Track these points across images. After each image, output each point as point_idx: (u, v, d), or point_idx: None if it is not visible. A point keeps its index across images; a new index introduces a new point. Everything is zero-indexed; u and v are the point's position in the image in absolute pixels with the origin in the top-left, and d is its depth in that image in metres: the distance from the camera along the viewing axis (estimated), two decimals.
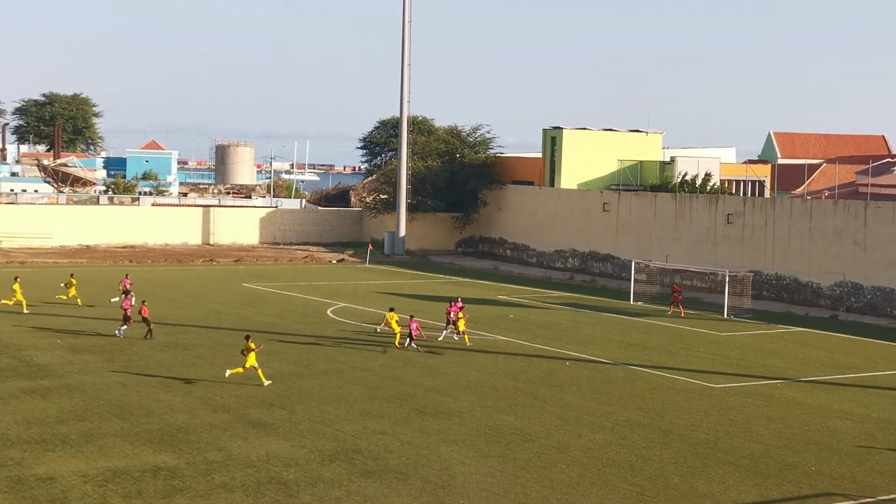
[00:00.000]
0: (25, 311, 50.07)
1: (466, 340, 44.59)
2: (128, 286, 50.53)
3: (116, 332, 44.18)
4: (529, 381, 38.00)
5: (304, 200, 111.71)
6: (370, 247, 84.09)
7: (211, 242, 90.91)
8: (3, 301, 50.76)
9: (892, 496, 25.90)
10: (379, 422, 31.36)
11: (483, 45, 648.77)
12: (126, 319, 44.07)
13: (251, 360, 35.53)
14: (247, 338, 36.70)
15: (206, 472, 25.97)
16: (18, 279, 52.34)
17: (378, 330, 45.95)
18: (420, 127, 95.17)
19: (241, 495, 24.32)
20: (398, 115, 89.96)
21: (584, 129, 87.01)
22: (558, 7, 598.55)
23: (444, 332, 45.69)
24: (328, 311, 54.09)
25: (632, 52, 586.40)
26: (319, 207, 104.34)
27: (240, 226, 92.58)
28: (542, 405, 34.30)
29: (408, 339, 43.01)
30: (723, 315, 56.86)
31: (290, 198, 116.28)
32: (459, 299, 47.32)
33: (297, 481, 25.47)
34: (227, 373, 35.92)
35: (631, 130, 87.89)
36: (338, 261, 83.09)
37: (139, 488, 24.55)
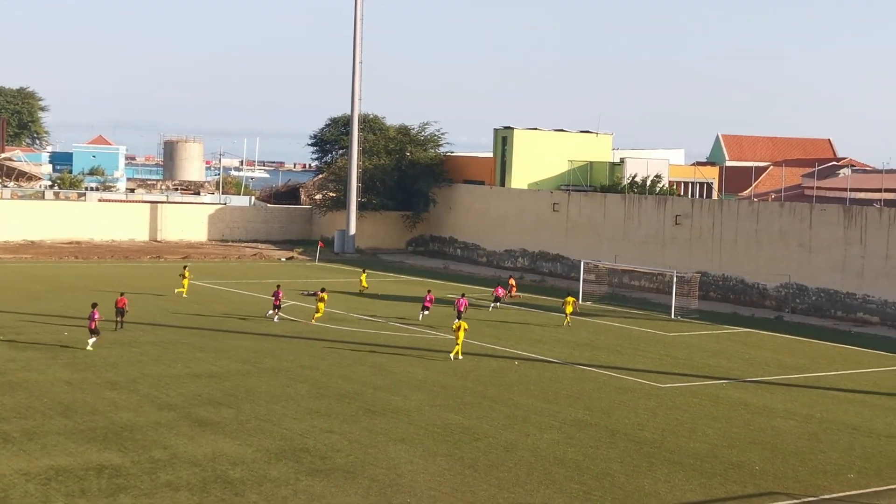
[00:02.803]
0: (185, 295, 56.38)
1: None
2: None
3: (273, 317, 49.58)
4: (478, 381, 38.05)
5: (253, 198, 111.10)
6: (320, 245, 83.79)
7: (158, 239, 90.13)
8: (177, 290, 57.04)
9: (835, 495, 26.22)
10: (326, 420, 31.25)
11: (438, 44, 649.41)
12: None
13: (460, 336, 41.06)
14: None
15: (151, 470, 25.72)
16: (187, 268, 59.44)
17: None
18: (371, 125, 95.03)
19: (186, 494, 24.11)
20: (349, 113, 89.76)
21: (535, 129, 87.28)
22: (510, 7, 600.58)
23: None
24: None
25: (583, 53, 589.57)
26: (269, 205, 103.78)
27: (188, 223, 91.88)
28: (491, 404, 34.35)
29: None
30: (670, 315, 57.29)
31: (239, 195, 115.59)
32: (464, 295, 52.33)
33: (244, 480, 25.30)
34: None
35: (581, 131, 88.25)
36: (287, 258, 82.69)
37: (83, 487, 24.26)
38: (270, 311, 50.26)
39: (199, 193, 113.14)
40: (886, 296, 57.98)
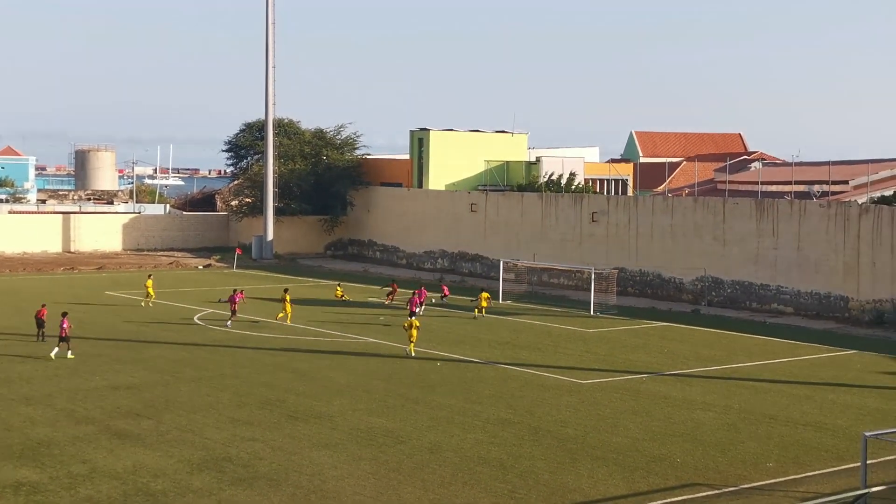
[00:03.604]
0: (151, 304, 57.02)
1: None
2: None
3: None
4: (401, 383, 38.02)
5: (168, 206, 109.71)
6: (238, 251, 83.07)
7: (72, 250, 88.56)
8: (143, 303, 57.16)
9: (755, 484, 26.68)
10: (249, 428, 30.97)
11: (352, 46, 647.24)
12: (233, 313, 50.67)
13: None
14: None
15: (70, 485, 25.26)
16: (152, 276, 60.29)
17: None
18: (286, 129, 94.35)
19: None
20: (264, 118, 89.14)
21: (451, 130, 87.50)
22: (420, 7, 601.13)
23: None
24: (195, 318, 53.20)
25: (495, 52, 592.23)
26: (184, 212, 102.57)
27: (102, 232, 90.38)
28: (414, 406, 34.34)
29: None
30: (589, 312, 57.80)
31: (153, 203, 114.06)
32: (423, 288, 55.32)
33: (166, 492, 24.96)
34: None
35: (497, 131, 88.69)
36: (204, 266, 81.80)
37: None
38: (229, 321, 50.50)
39: (112, 203, 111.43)
40: (799, 286, 59.18)
